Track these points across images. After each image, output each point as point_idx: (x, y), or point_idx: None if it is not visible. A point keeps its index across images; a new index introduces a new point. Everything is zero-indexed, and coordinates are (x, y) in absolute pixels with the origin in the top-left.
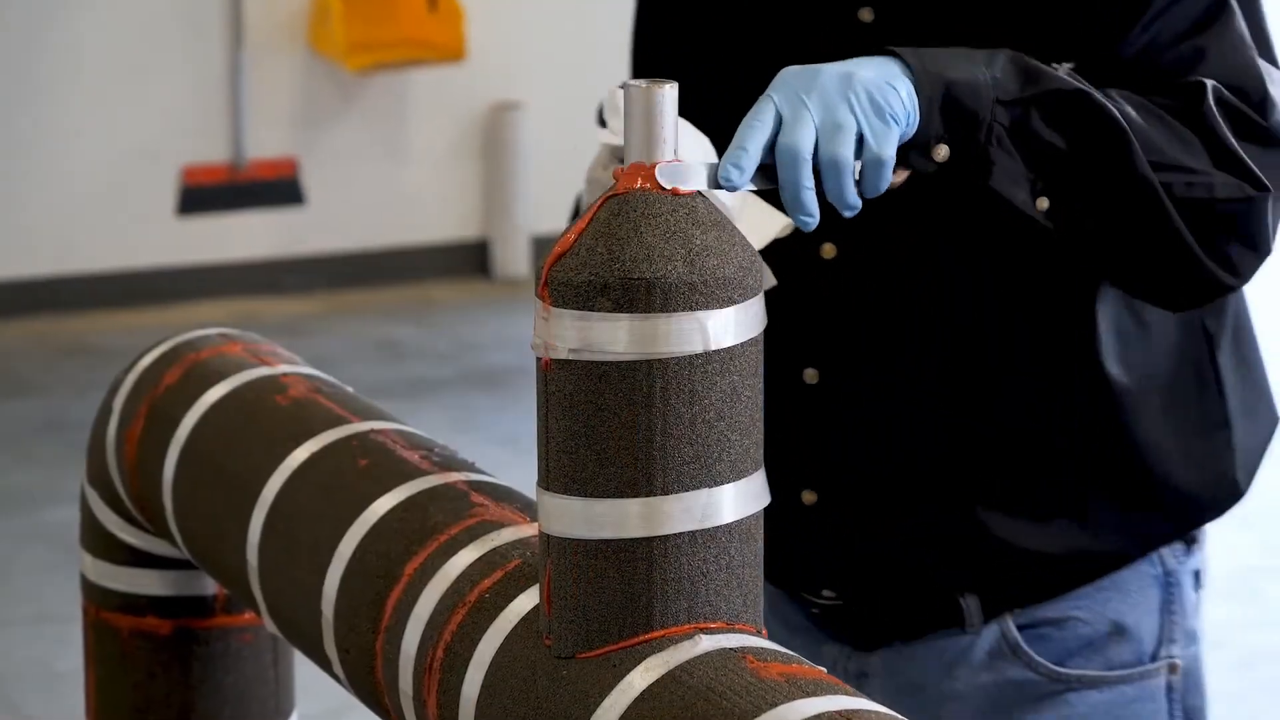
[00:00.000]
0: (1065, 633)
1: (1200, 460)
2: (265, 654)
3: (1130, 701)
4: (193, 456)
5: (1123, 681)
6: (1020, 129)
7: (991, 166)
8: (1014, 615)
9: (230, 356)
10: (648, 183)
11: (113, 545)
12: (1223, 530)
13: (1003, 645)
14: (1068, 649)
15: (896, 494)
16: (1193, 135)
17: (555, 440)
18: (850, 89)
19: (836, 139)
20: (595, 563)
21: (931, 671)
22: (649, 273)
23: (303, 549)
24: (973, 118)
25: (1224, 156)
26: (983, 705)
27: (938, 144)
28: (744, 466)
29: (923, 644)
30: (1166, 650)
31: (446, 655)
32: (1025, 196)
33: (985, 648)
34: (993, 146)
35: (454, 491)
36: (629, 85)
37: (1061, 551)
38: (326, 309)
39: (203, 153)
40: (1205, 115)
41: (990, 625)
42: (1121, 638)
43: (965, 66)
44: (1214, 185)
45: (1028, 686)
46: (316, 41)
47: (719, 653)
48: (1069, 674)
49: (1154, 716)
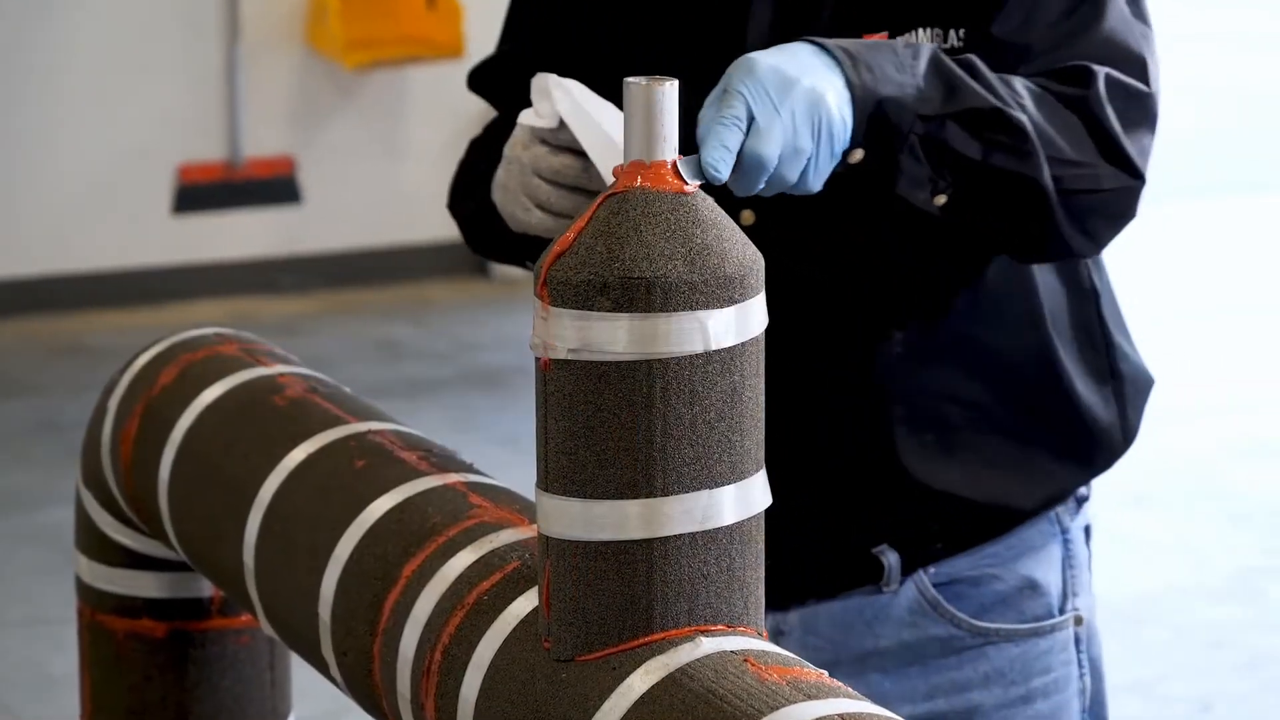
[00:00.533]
0: (982, 589)
1: (1097, 409)
2: (262, 657)
3: (1043, 653)
4: (188, 457)
5: (1035, 634)
6: (934, 140)
7: (899, 173)
8: (930, 574)
9: (226, 356)
10: (647, 180)
11: (108, 547)
12: (1222, 531)
13: (922, 602)
14: (984, 605)
15: (814, 446)
16: (1082, 126)
17: (554, 441)
18: (816, 114)
19: (793, 164)
20: (595, 564)
21: (852, 629)
22: (649, 272)
23: (299, 551)
24: (894, 131)
25: (1109, 148)
26: (904, 660)
27: (854, 149)
28: (745, 467)
29: (839, 602)
30: (1071, 603)
31: (445, 658)
32: (925, 196)
33: (905, 605)
34: (904, 155)
35: (452, 493)
36: (629, 83)
37: (975, 497)
38: (324, 308)
39: (199, 151)
40: (1094, 105)
41: (907, 584)
42: (1034, 592)
43: (895, 78)
44: (1100, 177)
45: (950, 641)
46: (314, 38)
47: (720, 655)
48: (989, 627)
49: (1065, 666)
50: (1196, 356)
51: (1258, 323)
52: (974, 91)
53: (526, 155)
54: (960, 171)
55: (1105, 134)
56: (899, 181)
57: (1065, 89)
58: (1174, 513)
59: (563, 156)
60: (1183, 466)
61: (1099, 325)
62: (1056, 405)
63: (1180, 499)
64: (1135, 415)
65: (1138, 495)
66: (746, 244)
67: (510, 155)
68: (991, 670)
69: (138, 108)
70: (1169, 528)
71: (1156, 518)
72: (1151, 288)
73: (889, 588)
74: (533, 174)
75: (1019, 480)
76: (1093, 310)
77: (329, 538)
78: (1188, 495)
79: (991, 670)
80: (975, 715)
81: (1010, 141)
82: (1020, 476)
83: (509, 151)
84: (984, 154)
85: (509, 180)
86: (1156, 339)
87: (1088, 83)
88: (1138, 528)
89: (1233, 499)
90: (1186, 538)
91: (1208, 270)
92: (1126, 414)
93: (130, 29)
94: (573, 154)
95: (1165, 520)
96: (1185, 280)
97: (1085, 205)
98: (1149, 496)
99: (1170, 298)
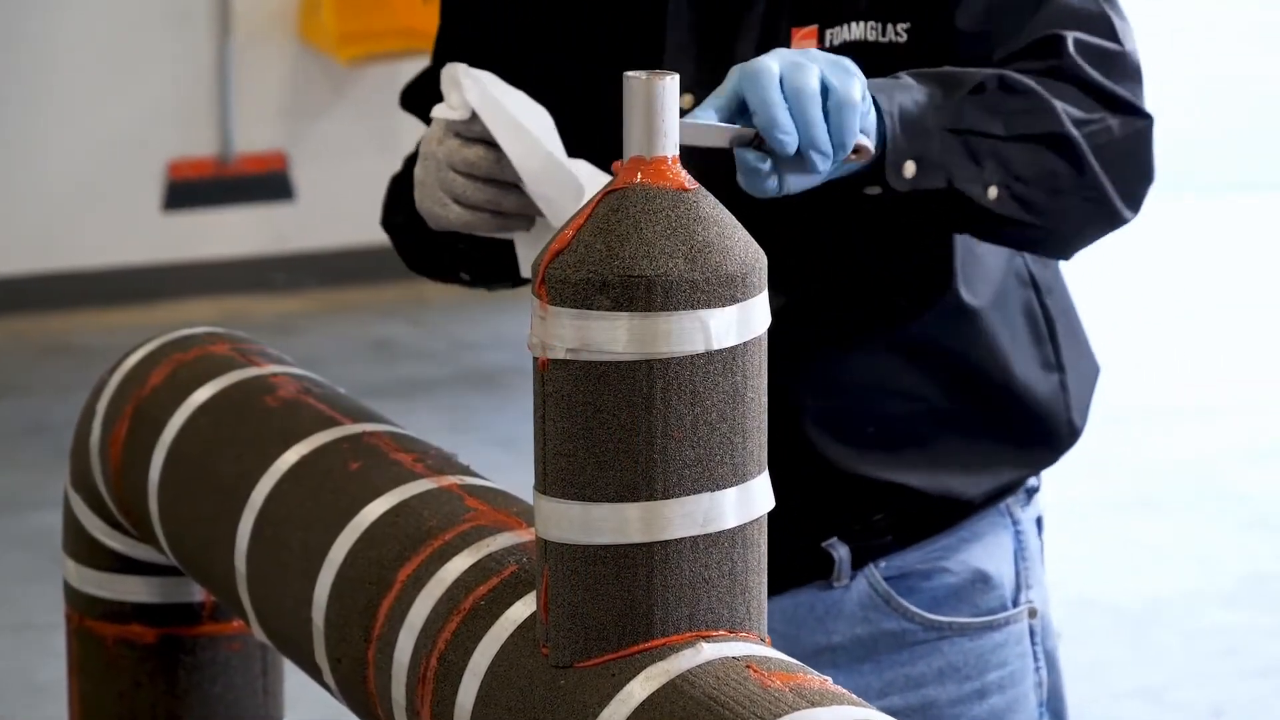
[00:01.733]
0: (933, 583)
1: (1043, 399)
2: (254, 663)
3: (998, 646)
4: (179, 459)
5: (990, 628)
6: (960, 131)
7: (949, 170)
8: (880, 568)
9: (218, 356)
10: (648, 177)
11: (97, 551)
12: (1232, 533)
13: (874, 597)
14: (936, 598)
15: None
16: (1073, 88)
17: (553, 443)
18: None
19: (850, 115)
20: (594, 569)
21: (804, 625)
22: (649, 270)
23: (292, 555)
24: (924, 132)
25: (1106, 98)
26: (856, 655)
27: (906, 161)
28: (747, 470)
29: (789, 597)
30: (1025, 596)
31: (441, 664)
32: (979, 190)
33: (856, 600)
34: (944, 153)
35: (448, 495)
36: (629, 76)
37: (922, 487)
38: (317, 307)
39: (189, 146)
40: (1072, 66)
41: (858, 578)
42: (986, 585)
43: (896, 95)
44: (1111, 127)
45: (904, 635)
46: (307, 31)
47: (722, 662)
48: (943, 621)
49: (1021, 659)
50: (1203, 354)
51: (1265, 320)
52: (967, 75)
53: (441, 150)
54: (995, 156)
55: (1096, 88)
56: (955, 177)
57: (1041, 63)
58: (1182, 515)
59: (476, 148)
60: (1190, 467)
61: (1042, 315)
62: (1000, 396)
63: (1188, 501)
64: (1082, 405)
65: (1145, 497)
66: (749, 241)
67: (426, 151)
68: (946, 665)
69: (127, 102)
70: (1177, 530)
71: (1164, 520)
72: (1158, 285)
73: (840, 582)
74: (448, 168)
75: (965, 471)
76: (1035, 300)
77: (322, 541)
78: (1196, 497)
79: (946, 665)
80: (930, 710)
81: (1026, 104)
82: (966, 467)
83: (424, 148)
84: (1007, 125)
85: (425, 176)
86: (1163, 337)
87: (1059, 50)
88: (1145, 531)
89: (1242, 500)
90: (1195, 541)
91: (1214, 267)
92: (1072, 404)
93: (119, 21)
94: (486, 145)
95: (1173, 523)
96: (1191, 277)
97: (1110, 158)
98: (1156, 499)
99: (1177, 295)
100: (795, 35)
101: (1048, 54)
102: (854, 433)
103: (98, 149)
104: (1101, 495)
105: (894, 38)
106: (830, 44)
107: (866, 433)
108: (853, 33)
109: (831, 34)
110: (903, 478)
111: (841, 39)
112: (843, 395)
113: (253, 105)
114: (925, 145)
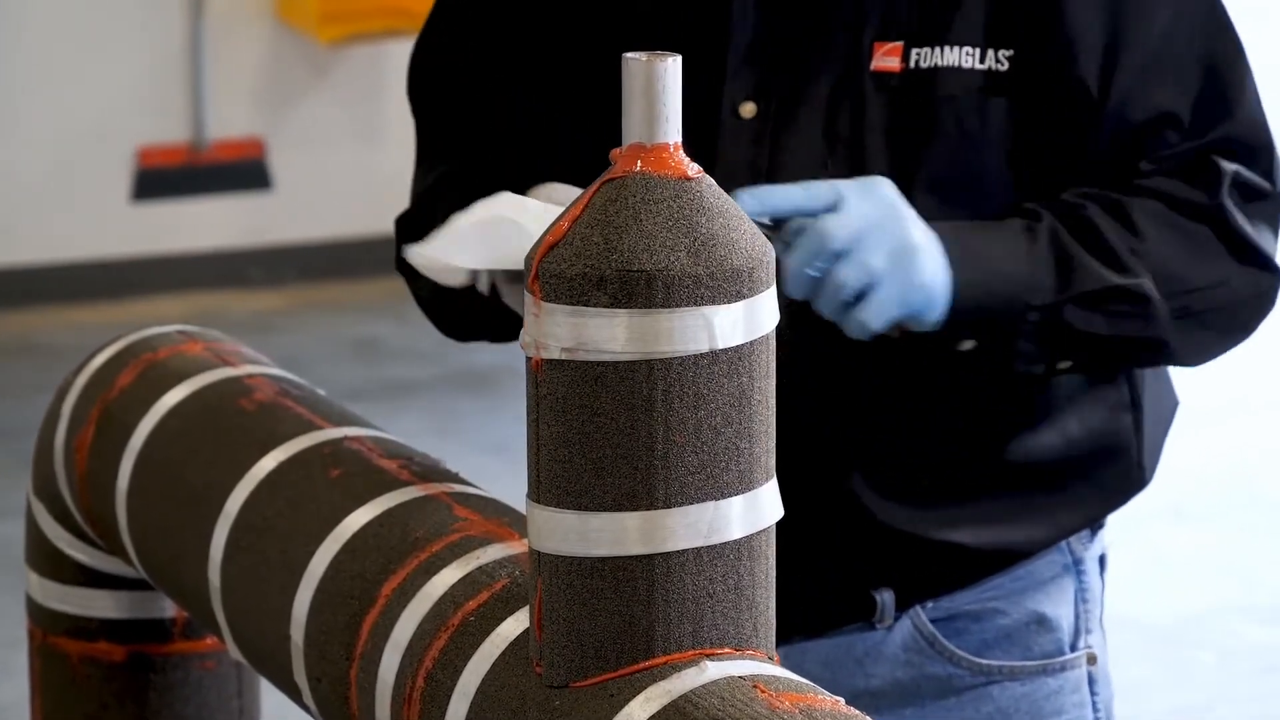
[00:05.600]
0: (983, 624)
1: (1111, 444)
2: (229, 683)
3: (1053, 693)
4: (149, 466)
5: (1043, 672)
6: (1051, 324)
7: (1018, 358)
8: (927, 609)
9: (190, 356)
10: (648, 165)
11: (61, 563)
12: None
13: (918, 639)
14: (986, 641)
15: (804, 483)
16: (1212, 236)
17: (547, 448)
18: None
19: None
20: (591, 583)
21: (841, 668)
22: (649, 264)
23: (270, 567)
24: (1005, 323)
25: (1242, 251)
26: (897, 701)
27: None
28: (754, 477)
29: (828, 639)
30: (1084, 640)
31: (428, 684)
32: (1042, 368)
33: (899, 642)
34: (1019, 340)
35: (436, 504)
36: (628, 58)
37: (975, 544)
38: (296, 304)
39: (160, 132)
40: (1219, 210)
41: (902, 619)
42: (1042, 628)
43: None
44: (1234, 287)
45: (949, 680)
46: (285, 10)
47: (727, 681)
48: (991, 665)
49: (1077, 708)
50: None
51: None
52: (1092, 271)
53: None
54: (1081, 346)
55: (1236, 238)
56: (1016, 364)
57: (1193, 196)
58: (1215, 526)
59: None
60: (1222, 475)
61: None
62: (1063, 446)
63: (1221, 511)
64: (1155, 447)
65: (1176, 508)
66: (756, 234)
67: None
68: (996, 710)
69: (93, 85)
70: (1211, 543)
71: (1197, 532)
72: None
73: (882, 623)
74: None
75: (1022, 524)
76: None
77: (301, 553)
78: (1229, 506)
79: (996, 710)
80: None
81: (1133, 309)
82: (1023, 521)
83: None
84: (1109, 327)
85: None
86: None
87: (1216, 188)
88: (1177, 544)
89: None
90: (1230, 553)
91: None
92: (1144, 447)
93: (84, 0)
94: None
95: (1207, 535)
96: None
97: (1213, 321)
98: (1187, 509)
99: None
100: (877, 50)
101: (1200, 184)
102: (905, 489)
103: (62, 135)
104: (1127, 507)
105: (994, 65)
106: (917, 65)
107: (917, 489)
108: (945, 58)
109: (918, 54)
110: (956, 536)
111: (931, 62)
112: (894, 450)
113: (227, 88)
114: (992, 335)
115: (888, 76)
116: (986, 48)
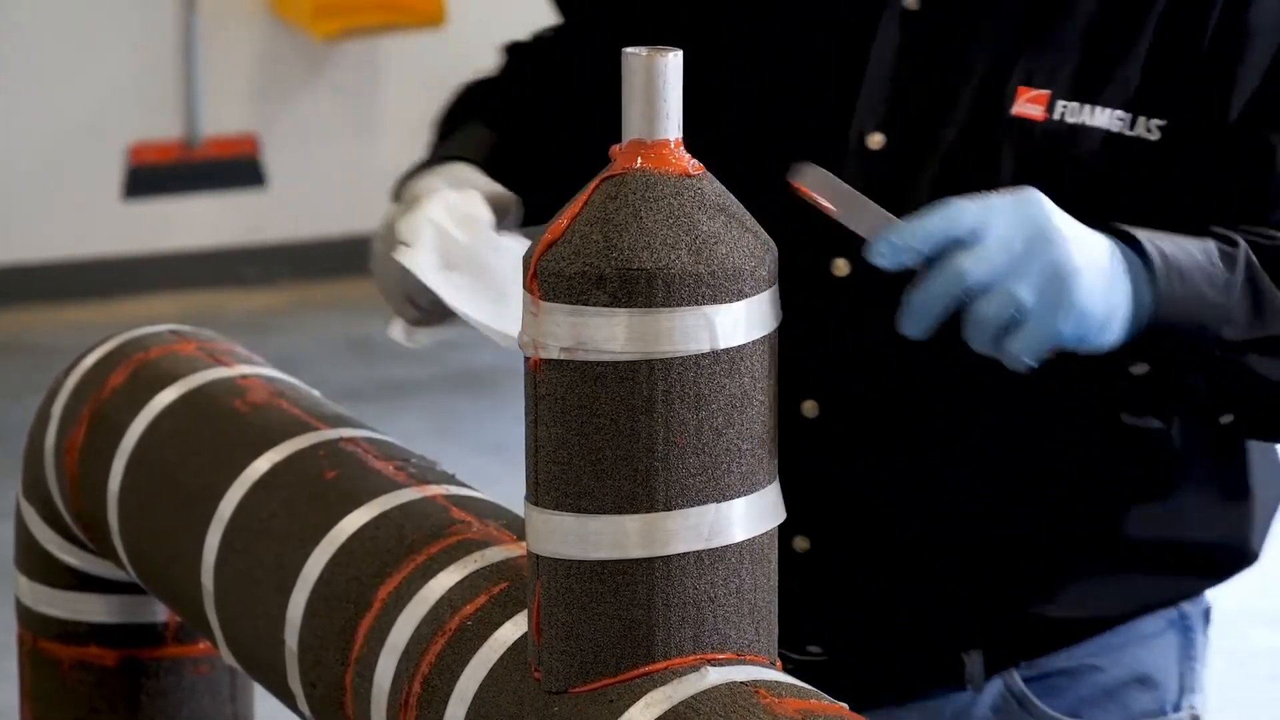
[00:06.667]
0: (1079, 682)
1: (1220, 529)
2: (222, 688)
3: None
4: (141, 467)
5: None
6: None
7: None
8: (1019, 668)
9: (183, 356)
10: (648, 161)
11: (51, 567)
12: None
13: (1008, 699)
14: (1082, 699)
15: (900, 545)
16: None
17: (545, 450)
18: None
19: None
20: (590, 586)
21: None
22: (650, 262)
23: (264, 571)
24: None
25: None
26: None
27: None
28: (756, 479)
29: (916, 703)
30: (1189, 700)
31: (424, 689)
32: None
33: (988, 703)
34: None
35: (432, 506)
36: (628, 53)
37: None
38: (291, 303)
39: (152, 129)
40: None
41: (993, 679)
42: (1143, 687)
43: (1207, 296)
44: None
45: None
46: (279, 5)
47: (728, 687)
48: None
49: None
50: None
51: None
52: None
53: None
54: (1250, 393)
55: None
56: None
57: None
58: None
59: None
60: None
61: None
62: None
63: None
64: (1265, 525)
65: None
66: (758, 232)
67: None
68: None
69: (84, 81)
70: None
71: None
72: None
73: (973, 685)
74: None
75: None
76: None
77: (296, 557)
78: None
79: None
80: None
81: None
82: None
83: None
84: None
85: (382, 270)
86: None
87: None
88: None
89: None
90: None
91: None
92: (1254, 528)
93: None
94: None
95: None
96: None
97: None
98: None
99: None
100: (1020, 95)
101: None
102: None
103: (53, 132)
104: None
105: (1144, 133)
106: (1061, 118)
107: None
108: (1095, 118)
109: (1064, 108)
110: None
111: (1078, 119)
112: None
113: (221, 84)
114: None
115: (1029, 124)
116: (1138, 115)
